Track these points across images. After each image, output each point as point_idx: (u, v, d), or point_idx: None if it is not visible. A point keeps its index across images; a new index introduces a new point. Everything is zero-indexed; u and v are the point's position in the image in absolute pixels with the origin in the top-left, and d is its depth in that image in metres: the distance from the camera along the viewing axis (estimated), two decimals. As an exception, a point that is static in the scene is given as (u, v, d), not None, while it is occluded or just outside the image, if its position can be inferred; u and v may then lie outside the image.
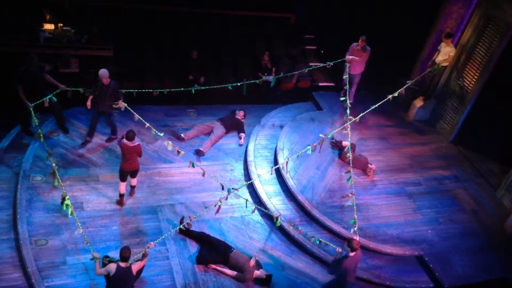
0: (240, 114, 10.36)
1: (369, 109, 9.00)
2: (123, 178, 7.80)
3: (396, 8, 12.67)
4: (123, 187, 7.88)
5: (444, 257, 8.13)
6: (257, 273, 7.24)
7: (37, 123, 7.86)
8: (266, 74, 11.77)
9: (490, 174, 10.06)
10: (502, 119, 10.59)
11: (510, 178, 9.27)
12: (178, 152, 7.74)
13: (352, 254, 6.64)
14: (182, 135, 9.62)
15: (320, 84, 12.41)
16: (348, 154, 8.24)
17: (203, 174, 7.79)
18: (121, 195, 7.95)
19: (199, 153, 9.34)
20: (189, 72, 11.04)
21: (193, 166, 7.76)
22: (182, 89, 8.87)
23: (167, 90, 8.86)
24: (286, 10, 13.25)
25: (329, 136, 8.82)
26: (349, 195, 7.72)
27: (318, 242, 7.41)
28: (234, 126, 10.15)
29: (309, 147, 8.03)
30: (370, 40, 10.62)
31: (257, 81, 9.99)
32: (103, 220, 7.70)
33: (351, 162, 8.08)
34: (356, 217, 7.35)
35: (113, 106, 8.35)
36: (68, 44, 10.41)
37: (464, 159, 10.42)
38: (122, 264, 6.32)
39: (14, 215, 7.44)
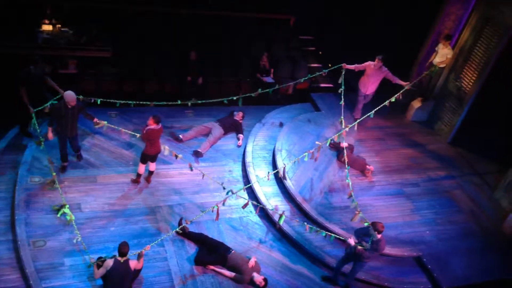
0: (238, 115, 10.36)
1: (365, 116, 9.13)
2: (145, 161, 8.23)
3: (394, 10, 12.70)
4: (143, 168, 8.32)
5: (442, 258, 8.14)
6: (255, 275, 7.22)
7: (38, 130, 7.92)
8: (264, 75, 11.83)
9: (488, 175, 10.08)
10: (500, 120, 10.61)
11: (508, 179, 9.29)
12: (176, 156, 7.86)
13: (379, 236, 6.75)
14: (180, 136, 9.62)
15: (319, 85, 12.44)
16: (348, 184, 8.19)
17: (203, 177, 7.86)
18: (140, 175, 8.39)
19: (197, 154, 9.34)
20: (187, 73, 11.05)
21: (191, 169, 7.85)
22: (179, 102, 8.84)
23: (166, 103, 8.89)
24: (285, 11, 13.27)
25: (327, 144, 8.87)
26: (356, 213, 7.59)
27: (324, 235, 7.47)
28: (232, 127, 10.15)
29: (306, 153, 8.12)
30: (368, 40, 10.61)
31: (252, 95, 9.95)
32: (101, 222, 7.69)
33: (351, 190, 7.98)
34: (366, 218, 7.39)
35: (95, 125, 8.05)
36: (67, 45, 10.41)
37: (462, 160, 10.45)
38: (120, 259, 6.36)
39: (12, 216, 7.43)
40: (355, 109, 10.70)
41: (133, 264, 6.50)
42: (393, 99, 9.29)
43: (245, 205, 7.71)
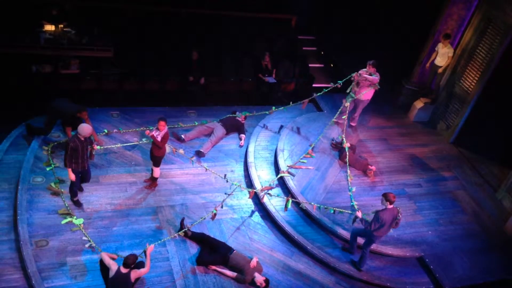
0: (241, 118, 10.36)
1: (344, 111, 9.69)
2: (160, 164, 8.27)
3: (396, 9, 12.69)
4: (159, 171, 8.39)
5: (444, 258, 8.13)
6: (256, 275, 7.22)
7: (52, 162, 8.26)
8: (266, 75, 11.83)
9: (490, 176, 10.05)
10: (502, 121, 10.59)
11: (510, 179, 9.27)
12: (175, 150, 7.86)
13: (390, 206, 7.02)
14: (182, 136, 9.63)
15: (321, 85, 12.43)
16: (350, 182, 8.58)
17: (206, 170, 8.09)
18: (157, 178, 8.46)
19: (199, 154, 9.34)
20: (189, 73, 11.06)
21: (192, 163, 8.00)
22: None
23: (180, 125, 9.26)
24: (287, 11, 13.27)
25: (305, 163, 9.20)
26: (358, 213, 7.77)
27: (332, 211, 7.86)
28: (234, 127, 10.15)
29: (282, 174, 8.77)
30: (370, 40, 10.55)
31: (267, 112, 10.28)
32: (103, 222, 7.70)
33: (359, 210, 7.94)
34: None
35: (92, 153, 7.87)
36: (69, 45, 10.43)
37: (464, 161, 10.42)
38: (123, 270, 6.35)
39: (14, 216, 7.44)
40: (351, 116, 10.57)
41: (135, 275, 6.47)
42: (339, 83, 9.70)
43: (251, 195, 8.03)
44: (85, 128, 7.25)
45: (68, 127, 8.51)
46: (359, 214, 7.53)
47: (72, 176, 7.42)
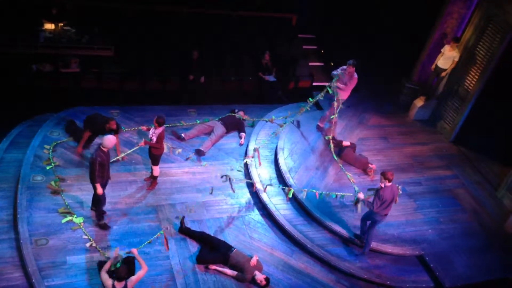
0: (240, 114, 10.35)
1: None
2: (159, 162, 8.21)
3: (396, 9, 12.68)
4: (159, 170, 8.35)
5: (445, 257, 8.13)
6: (257, 273, 7.22)
7: (52, 160, 8.24)
8: (267, 73, 11.83)
9: (490, 174, 10.05)
10: (503, 119, 10.59)
11: (511, 178, 9.26)
12: (173, 149, 7.99)
13: (388, 184, 7.14)
14: (182, 134, 9.63)
15: (321, 84, 12.43)
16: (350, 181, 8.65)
17: (205, 165, 8.21)
18: (157, 177, 8.42)
19: (199, 153, 9.34)
20: (190, 72, 11.06)
21: (186, 159, 8.05)
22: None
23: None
24: (287, 10, 13.27)
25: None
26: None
27: (334, 197, 7.94)
28: (234, 126, 10.15)
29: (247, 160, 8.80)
30: (370, 39, 10.53)
31: (266, 120, 10.23)
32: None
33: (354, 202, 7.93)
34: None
35: None
36: (69, 44, 10.44)
37: (464, 159, 10.42)
38: (118, 285, 6.15)
39: (14, 214, 7.44)
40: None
41: (132, 283, 6.31)
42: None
43: (254, 188, 8.21)
44: (111, 140, 7.05)
45: (88, 132, 8.48)
46: (361, 195, 7.59)
47: (100, 190, 7.24)
